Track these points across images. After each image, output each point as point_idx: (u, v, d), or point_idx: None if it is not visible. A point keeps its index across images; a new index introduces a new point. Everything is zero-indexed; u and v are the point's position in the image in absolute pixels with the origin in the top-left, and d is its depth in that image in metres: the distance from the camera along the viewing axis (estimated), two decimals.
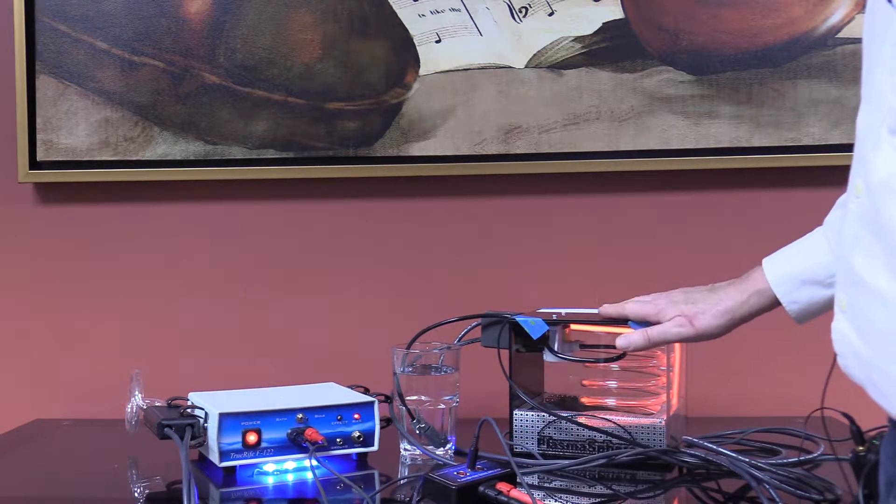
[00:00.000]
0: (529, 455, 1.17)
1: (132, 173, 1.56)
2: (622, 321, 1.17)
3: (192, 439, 1.10)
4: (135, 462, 1.27)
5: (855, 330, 0.74)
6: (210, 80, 1.55)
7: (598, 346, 1.25)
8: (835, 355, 0.78)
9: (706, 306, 1.09)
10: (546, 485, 1.11)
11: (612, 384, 1.30)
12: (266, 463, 1.14)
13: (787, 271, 1.06)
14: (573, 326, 1.24)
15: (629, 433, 1.16)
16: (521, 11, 1.51)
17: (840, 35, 1.47)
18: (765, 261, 1.09)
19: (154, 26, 1.55)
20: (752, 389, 1.52)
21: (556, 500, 1.05)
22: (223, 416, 1.11)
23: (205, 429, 1.12)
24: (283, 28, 1.54)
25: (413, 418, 1.19)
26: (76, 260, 1.61)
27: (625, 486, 1.10)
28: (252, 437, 1.12)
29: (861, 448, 0.98)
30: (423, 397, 1.20)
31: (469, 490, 0.99)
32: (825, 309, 1.02)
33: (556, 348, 1.22)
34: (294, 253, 1.59)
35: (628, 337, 1.12)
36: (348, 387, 1.28)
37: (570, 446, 1.19)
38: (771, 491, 1.01)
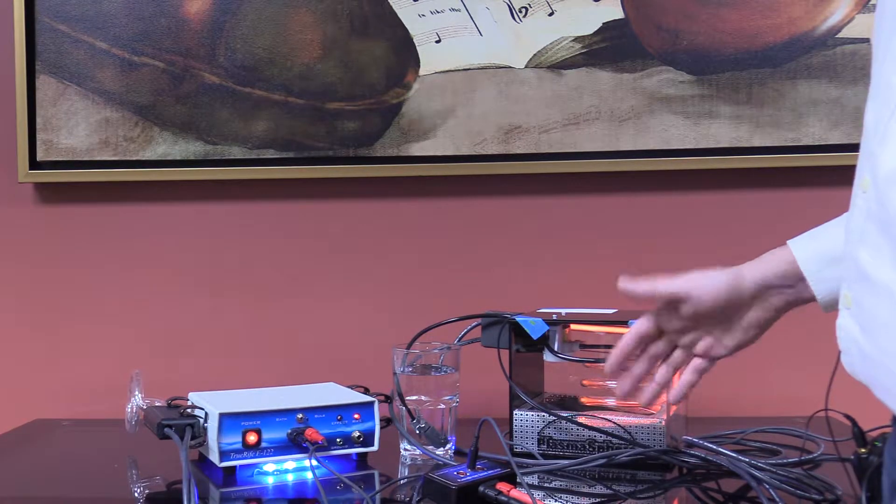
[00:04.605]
0: (529, 455, 1.17)
1: (132, 173, 1.56)
2: (622, 321, 1.17)
3: (192, 439, 1.10)
4: (135, 462, 1.27)
5: (859, 326, 0.74)
6: (210, 80, 1.55)
7: (598, 346, 1.25)
8: (838, 354, 0.78)
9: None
10: (546, 485, 1.11)
11: (612, 384, 1.30)
12: (266, 463, 1.14)
13: (817, 252, 0.98)
14: (573, 326, 1.25)
15: (629, 433, 1.16)
16: (521, 11, 1.51)
17: (840, 35, 1.47)
18: (791, 244, 1.02)
19: (154, 26, 1.55)
20: (752, 389, 1.52)
21: (556, 500, 1.05)
22: (223, 416, 1.11)
23: (205, 429, 1.12)
24: (283, 28, 1.54)
25: (413, 418, 1.19)
26: (76, 260, 1.61)
27: (625, 486, 1.10)
28: (252, 437, 1.12)
29: (863, 450, 0.98)
30: (423, 397, 1.20)
31: (469, 490, 0.99)
32: None
33: (556, 348, 1.22)
34: (294, 253, 1.59)
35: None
36: (348, 387, 1.28)
37: (570, 446, 1.19)
38: (771, 491, 1.01)
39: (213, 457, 1.12)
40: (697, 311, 1.01)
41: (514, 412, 1.22)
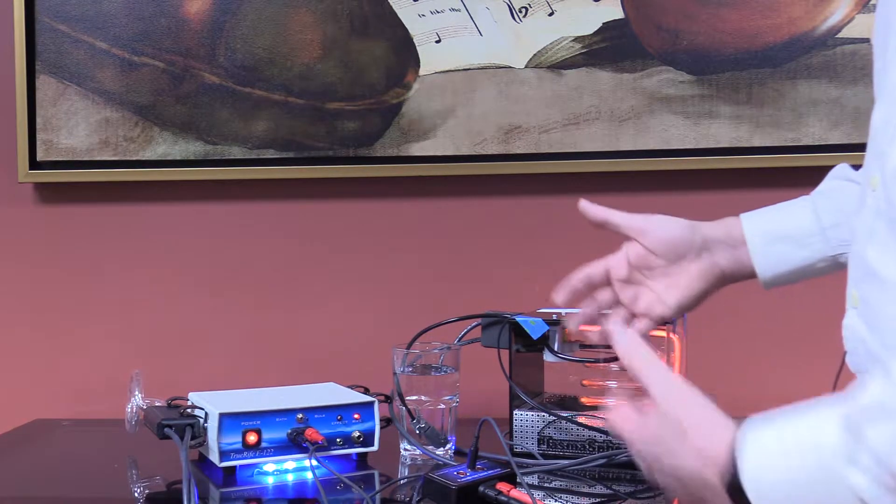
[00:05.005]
0: (529, 455, 1.17)
1: (132, 173, 1.56)
2: None
3: (192, 439, 1.10)
4: (135, 462, 1.27)
5: (866, 324, 0.74)
6: (210, 80, 1.55)
7: (598, 347, 1.25)
8: (843, 355, 0.78)
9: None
10: (546, 485, 1.11)
11: (613, 384, 1.30)
12: (266, 463, 1.14)
13: (764, 227, 1.02)
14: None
15: None
16: (521, 11, 1.51)
17: (840, 35, 1.47)
18: (742, 216, 1.05)
19: (154, 26, 1.55)
20: (752, 389, 1.52)
21: (556, 500, 1.05)
22: (223, 416, 1.11)
23: (205, 429, 1.12)
24: (283, 28, 1.54)
25: (413, 418, 1.19)
26: (76, 260, 1.61)
27: (625, 486, 1.10)
28: (252, 437, 1.12)
29: None
30: (423, 397, 1.20)
31: (469, 490, 0.99)
32: (795, 275, 1.00)
33: (556, 348, 1.22)
34: (294, 253, 1.59)
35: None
36: (348, 387, 1.28)
37: (570, 446, 1.19)
38: None
39: (213, 457, 1.12)
40: (650, 248, 1.01)
41: (514, 412, 1.22)
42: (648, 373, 0.80)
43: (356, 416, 1.18)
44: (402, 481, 1.14)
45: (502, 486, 0.98)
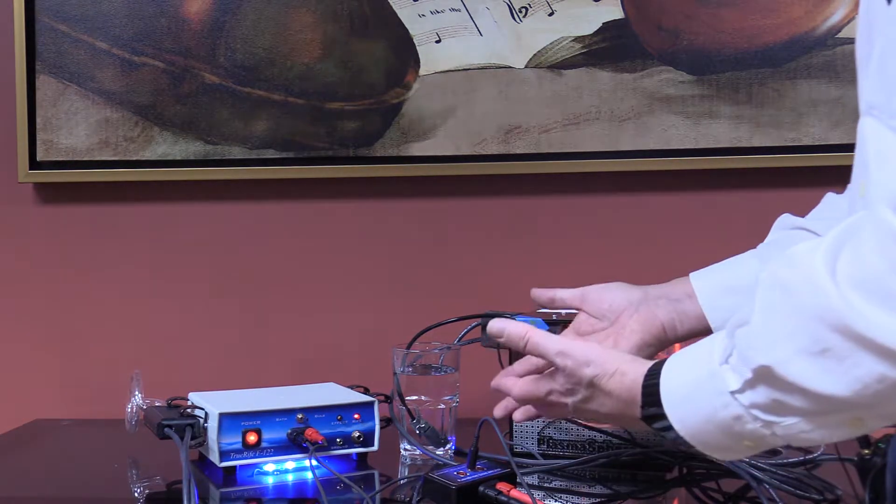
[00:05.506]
0: (529, 455, 1.17)
1: (132, 173, 1.56)
2: None
3: (192, 439, 1.10)
4: (135, 462, 1.27)
5: None
6: (210, 80, 1.55)
7: None
8: None
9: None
10: (546, 485, 1.11)
11: None
12: (266, 463, 1.14)
13: (712, 282, 1.04)
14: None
15: (629, 433, 1.16)
16: (521, 11, 1.51)
17: (840, 35, 1.47)
18: (691, 274, 1.07)
19: (154, 26, 1.55)
20: None
21: (556, 500, 1.05)
22: (223, 416, 1.11)
23: (205, 429, 1.12)
24: (283, 28, 1.54)
25: (413, 418, 1.19)
26: (76, 260, 1.61)
27: (625, 486, 1.10)
28: (252, 437, 1.12)
29: (866, 451, 0.98)
30: (423, 397, 1.20)
31: (469, 490, 0.99)
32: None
33: None
34: (294, 253, 1.59)
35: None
36: (348, 387, 1.28)
37: (570, 446, 1.19)
38: (771, 491, 1.01)
39: (213, 457, 1.12)
40: (591, 312, 1.07)
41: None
42: (547, 345, 0.94)
43: (356, 416, 1.18)
44: (402, 481, 1.14)
45: (502, 486, 0.98)
